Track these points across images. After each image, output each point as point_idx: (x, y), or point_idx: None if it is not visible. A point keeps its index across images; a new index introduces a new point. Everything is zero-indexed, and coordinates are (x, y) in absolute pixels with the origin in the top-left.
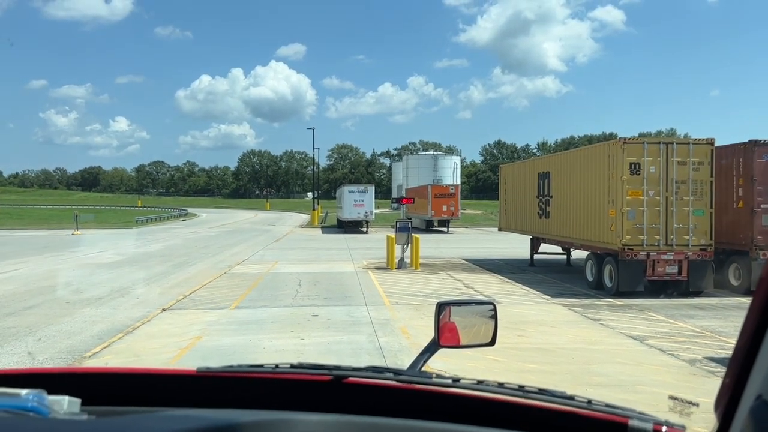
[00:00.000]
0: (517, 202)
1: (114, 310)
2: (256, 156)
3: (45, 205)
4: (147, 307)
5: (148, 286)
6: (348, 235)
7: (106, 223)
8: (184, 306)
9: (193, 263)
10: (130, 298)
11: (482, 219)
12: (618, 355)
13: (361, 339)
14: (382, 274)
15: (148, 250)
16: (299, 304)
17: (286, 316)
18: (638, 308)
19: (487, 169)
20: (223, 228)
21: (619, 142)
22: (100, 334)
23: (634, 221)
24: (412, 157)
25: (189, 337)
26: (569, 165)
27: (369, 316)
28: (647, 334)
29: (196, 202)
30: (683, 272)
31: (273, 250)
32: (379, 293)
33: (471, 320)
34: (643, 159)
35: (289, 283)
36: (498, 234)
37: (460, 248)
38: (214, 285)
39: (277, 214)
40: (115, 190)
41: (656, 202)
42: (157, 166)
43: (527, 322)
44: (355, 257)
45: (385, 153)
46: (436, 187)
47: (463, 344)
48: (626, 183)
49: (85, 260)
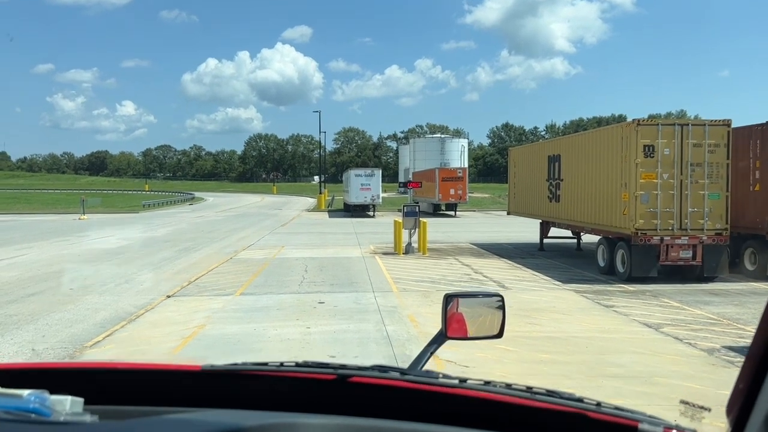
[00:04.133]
0: (526, 185)
1: (117, 297)
2: (263, 140)
3: (53, 190)
4: (151, 293)
5: (153, 272)
6: (355, 219)
7: (112, 208)
8: (189, 293)
9: (199, 248)
10: (134, 285)
11: (490, 202)
12: (633, 344)
13: (368, 327)
14: (389, 260)
15: (154, 234)
16: (305, 290)
17: (291, 303)
18: (652, 294)
19: (494, 152)
20: (230, 212)
21: (633, 124)
22: (102, 322)
23: (647, 205)
24: (419, 140)
25: (193, 326)
26: (581, 147)
27: (376, 303)
28: (662, 322)
29: (202, 186)
30: (697, 257)
31: (279, 235)
32: (387, 279)
33: (479, 312)
34: (657, 141)
35: (296, 269)
36: (506, 218)
37: (468, 232)
38: (220, 271)
39: (283, 198)
40: (123, 175)
41: (670, 186)
42: (164, 150)
43: (538, 309)
44: (362, 242)
45: (392, 136)
46: (444, 170)
47: (470, 336)
48: (640, 166)
49: (90, 246)
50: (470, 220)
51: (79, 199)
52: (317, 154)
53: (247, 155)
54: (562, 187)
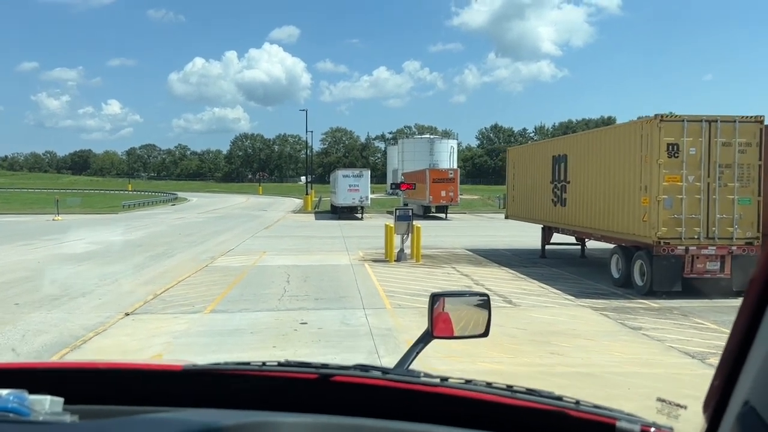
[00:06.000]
0: (527, 188)
1: (68, 315)
2: (249, 139)
3: (33, 189)
4: (108, 310)
5: (116, 283)
6: (342, 222)
7: (91, 208)
8: (152, 309)
9: (173, 254)
10: (91, 299)
11: (480, 204)
12: (684, 383)
13: (358, 359)
14: (380, 268)
15: (128, 238)
16: (285, 306)
17: (269, 324)
18: (680, 312)
19: (483, 153)
20: (212, 213)
21: (655, 120)
22: (39, 349)
23: (671, 211)
24: (407, 140)
25: (148, 355)
26: (591, 146)
27: (367, 323)
28: (705, 350)
29: (187, 186)
30: (726, 269)
31: (262, 239)
32: (378, 292)
33: (465, 311)
34: (682, 139)
35: (276, 279)
36: (499, 221)
37: (461, 237)
38: (191, 281)
39: (269, 198)
40: (106, 174)
41: (696, 189)
42: (149, 149)
43: (557, 332)
44: (350, 247)
45: (380, 137)
46: (435, 172)
47: (456, 335)
48: (663, 167)
49: (56, 250)
50: (462, 223)
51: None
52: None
53: (233, 155)
54: (569, 190)
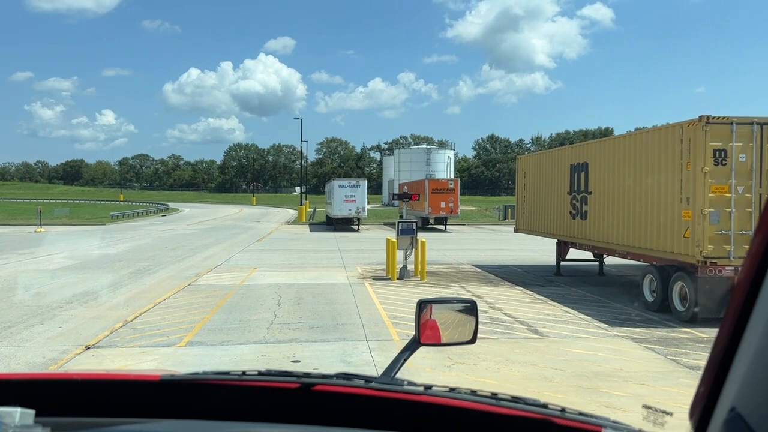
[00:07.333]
0: (540, 199)
1: (17, 349)
2: (243, 149)
3: (23, 199)
4: (67, 341)
5: (84, 305)
6: (338, 234)
7: (79, 219)
8: (118, 341)
9: (155, 270)
10: (50, 326)
11: (478, 216)
12: None
13: None
14: (382, 288)
15: (109, 252)
16: (275, 338)
17: (254, 362)
18: None
19: (479, 164)
20: (203, 225)
21: (700, 122)
22: None
23: (717, 226)
24: (404, 150)
25: None
26: (617, 154)
27: (373, 361)
28: None
29: (180, 196)
30: None
31: (252, 252)
32: (382, 318)
33: (452, 318)
34: (731, 144)
35: (266, 302)
36: (501, 233)
37: (465, 250)
38: (170, 304)
39: (263, 209)
40: (98, 184)
41: (747, 201)
42: (141, 159)
43: (602, 374)
44: (347, 262)
45: (375, 147)
46: (434, 182)
47: (444, 342)
48: (708, 176)
49: (27, 266)
50: (463, 236)
51: (45, 209)
52: (299, 165)
53: (227, 165)
54: (590, 202)
